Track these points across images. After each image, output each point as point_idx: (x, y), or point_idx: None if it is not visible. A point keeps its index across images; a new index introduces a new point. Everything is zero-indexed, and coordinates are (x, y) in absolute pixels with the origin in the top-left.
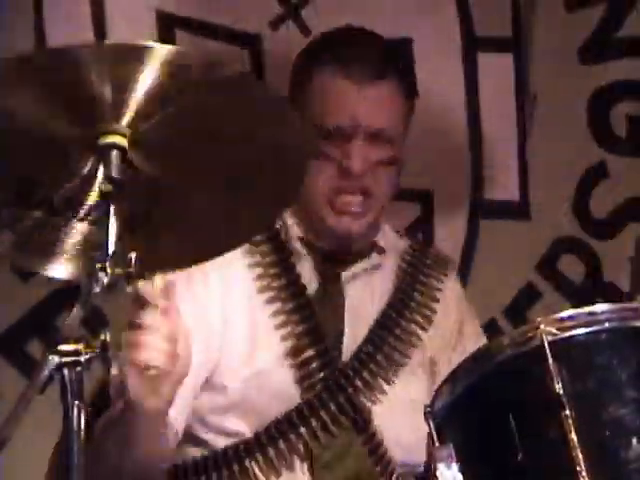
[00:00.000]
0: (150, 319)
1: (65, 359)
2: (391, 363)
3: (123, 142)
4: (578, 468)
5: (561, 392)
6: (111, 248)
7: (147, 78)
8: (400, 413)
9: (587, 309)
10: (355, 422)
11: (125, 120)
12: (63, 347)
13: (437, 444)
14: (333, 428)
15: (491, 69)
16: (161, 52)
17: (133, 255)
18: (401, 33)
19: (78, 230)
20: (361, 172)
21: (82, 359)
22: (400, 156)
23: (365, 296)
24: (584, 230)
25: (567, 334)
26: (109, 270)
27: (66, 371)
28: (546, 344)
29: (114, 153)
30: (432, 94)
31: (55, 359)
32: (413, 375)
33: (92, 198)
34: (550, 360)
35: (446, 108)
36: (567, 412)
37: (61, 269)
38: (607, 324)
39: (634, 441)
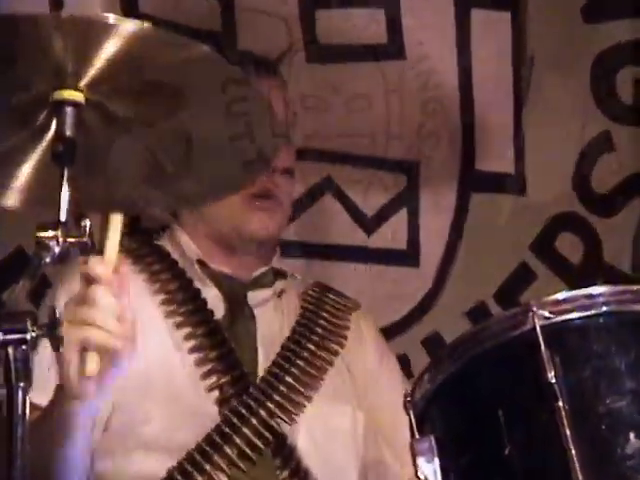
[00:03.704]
0: (100, 295)
1: (9, 336)
2: (302, 385)
3: (79, 98)
4: (571, 465)
5: (554, 381)
6: (63, 215)
7: (110, 49)
8: (324, 441)
9: (584, 291)
10: (275, 448)
11: (83, 82)
12: (7, 323)
13: (417, 436)
14: (251, 454)
15: (486, 27)
16: (126, 28)
17: (87, 223)
18: None
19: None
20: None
21: (28, 337)
22: (295, 167)
23: (276, 319)
24: (584, 206)
25: (561, 318)
26: (61, 238)
27: (10, 350)
28: (538, 328)
29: (69, 110)
30: (420, 54)
31: None
32: (336, 403)
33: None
34: (542, 346)
35: (435, 70)
36: (560, 403)
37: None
38: (605, 308)
39: (632, 436)
